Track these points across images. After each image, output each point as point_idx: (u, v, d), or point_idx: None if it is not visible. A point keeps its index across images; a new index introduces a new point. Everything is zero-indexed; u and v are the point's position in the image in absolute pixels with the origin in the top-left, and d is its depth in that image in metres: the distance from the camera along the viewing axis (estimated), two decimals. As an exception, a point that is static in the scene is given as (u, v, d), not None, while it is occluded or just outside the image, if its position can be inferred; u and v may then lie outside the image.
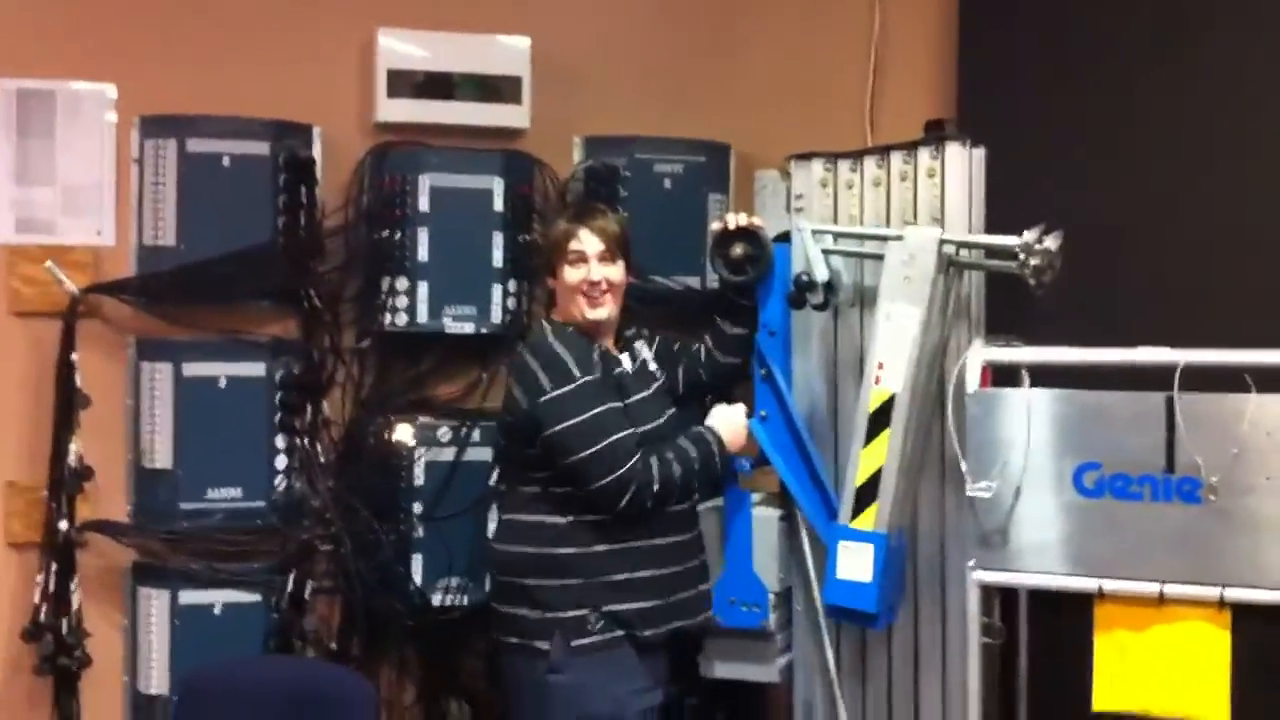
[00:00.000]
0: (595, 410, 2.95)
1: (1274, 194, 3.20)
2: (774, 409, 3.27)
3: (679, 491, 3.03)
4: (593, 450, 2.92)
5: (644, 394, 3.12)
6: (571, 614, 2.97)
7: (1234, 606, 2.75)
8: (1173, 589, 2.78)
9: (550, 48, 3.68)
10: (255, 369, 3.41)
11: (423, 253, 3.48)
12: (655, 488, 2.96)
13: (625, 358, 3.16)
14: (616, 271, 3.11)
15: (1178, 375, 2.74)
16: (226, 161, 3.39)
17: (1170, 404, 2.76)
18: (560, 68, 3.70)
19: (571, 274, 3.08)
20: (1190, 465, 2.75)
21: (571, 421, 2.94)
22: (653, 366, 3.24)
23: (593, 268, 3.07)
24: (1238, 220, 3.21)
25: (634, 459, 2.93)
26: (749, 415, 3.22)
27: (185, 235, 3.37)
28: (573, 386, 2.96)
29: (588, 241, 3.09)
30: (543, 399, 2.96)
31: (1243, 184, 3.22)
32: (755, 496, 3.32)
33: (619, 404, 3.02)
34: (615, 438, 2.94)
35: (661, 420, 3.12)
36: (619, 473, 2.92)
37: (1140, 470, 2.80)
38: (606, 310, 3.10)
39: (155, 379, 3.37)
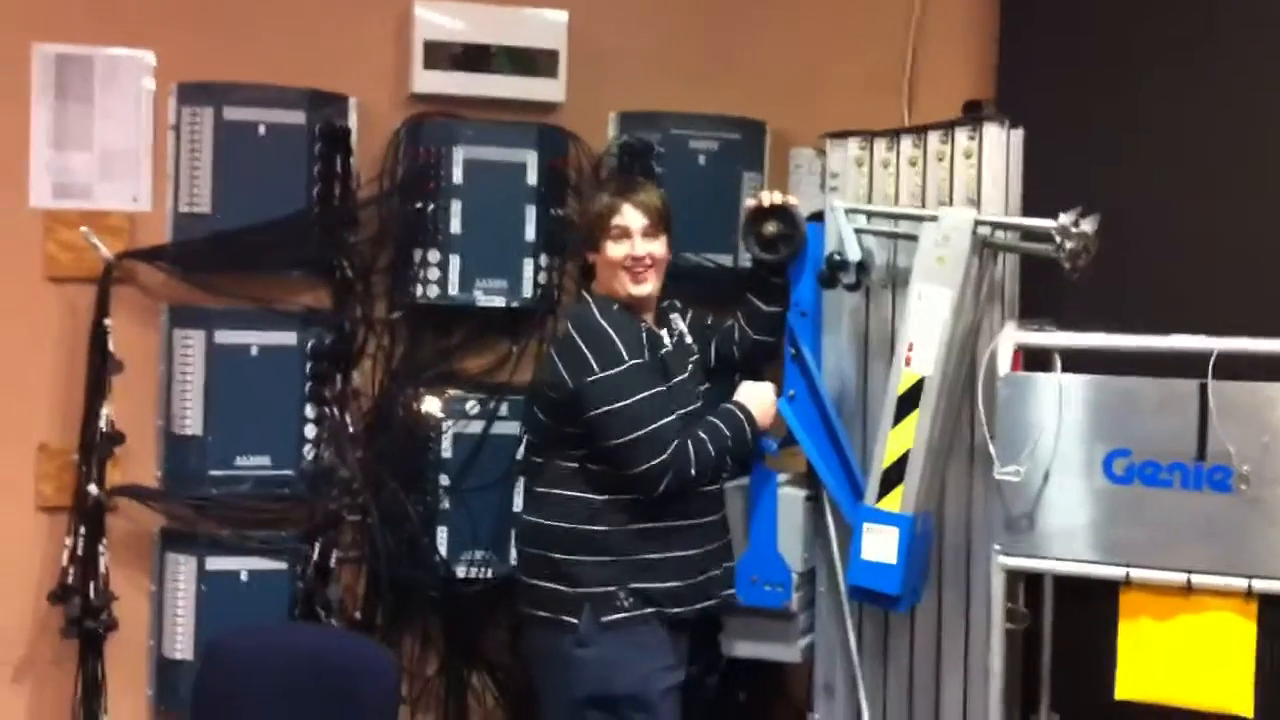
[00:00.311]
0: (641, 395, 2.94)
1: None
2: (803, 389, 3.25)
3: (713, 472, 3.04)
4: (636, 435, 2.91)
5: (684, 375, 3.11)
6: (602, 589, 2.97)
7: (1261, 597, 2.72)
8: (1200, 578, 2.74)
9: (587, 22, 3.66)
10: (287, 338, 3.43)
11: (455, 225, 3.48)
12: (693, 471, 2.95)
13: (664, 334, 3.15)
14: (660, 246, 3.10)
15: (1211, 363, 2.70)
16: (262, 130, 3.40)
17: (1203, 391, 2.72)
18: (597, 42, 3.68)
19: (614, 249, 3.06)
20: (1222, 454, 2.71)
21: (616, 405, 2.92)
22: (689, 340, 3.23)
23: (636, 243, 3.05)
24: (1272, 207, 3.16)
25: (674, 445, 2.92)
26: (778, 394, 3.20)
27: (220, 203, 3.38)
28: (620, 369, 2.95)
29: (631, 216, 3.07)
30: (590, 379, 2.95)
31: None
32: (781, 476, 3.31)
33: (663, 388, 3.00)
34: (658, 424, 2.93)
35: (699, 403, 3.12)
36: (660, 459, 2.91)
37: (1171, 458, 2.76)
38: (650, 285, 3.08)
39: (187, 346, 3.38)
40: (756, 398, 3.14)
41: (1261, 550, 2.70)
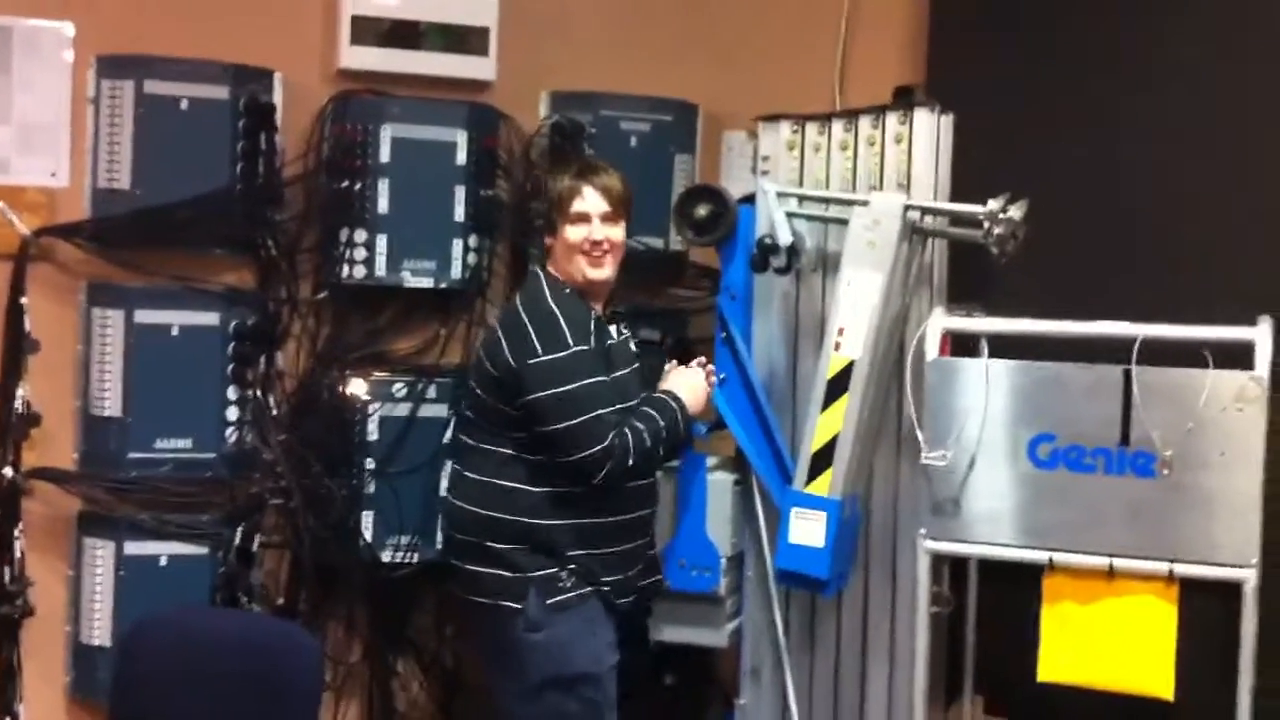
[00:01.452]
0: (583, 381, 2.91)
1: (1239, 172, 3.19)
2: (733, 373, 3.25)
3: (649, 462, 3.01)
4: (574, 422, 2.88)
5: (626, 370, 3.08)
6: (544, 573, 2.95)
7: (1183, 581, 2.76)
8: (1122, 562, 2.78)
9: (520, -1, 3.63)
10: (209, 318, 3.35)
11: (383, 204, 3.42)
12: (630, 462, 2.92)
13: (612, 328, 3.12)
14: (619, 232, 3.07)
15: (1136, 348, 2.73)
16: (184, 105, 3.32)
17: (1128, 377, 2.75)
18: (529, 20, 3.64)
19: (574, 232, 3.03)
20: (1145, 439, 2.75)
21: (557, 390, 2.89)
22: (633, 346, 3.20)
23: (595, 227, 3.02)
24: (1202, 196, 3.20)
25: (613, 434, 2.89)
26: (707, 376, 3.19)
27: (141, 179, 3.30)
28: (564, 354, 2.92)
29: (592, 200, 3.04)
30: (532, 361, 2.91)
31: (1209, 160, 3.21)
32: (710, 460, 3.31)
33: (606, 378, 2.97)
34: (598, 412, 2.90)
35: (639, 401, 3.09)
36: (598, 448, 2.88)
37: (1095, 443, 2.80)
38: (608, 270, 3.06)
39: (106, 325, 3.31)
40: (687, 385, 3.11)
41: (1183, 535, 2.75)
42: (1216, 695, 2.80)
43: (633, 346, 3.20)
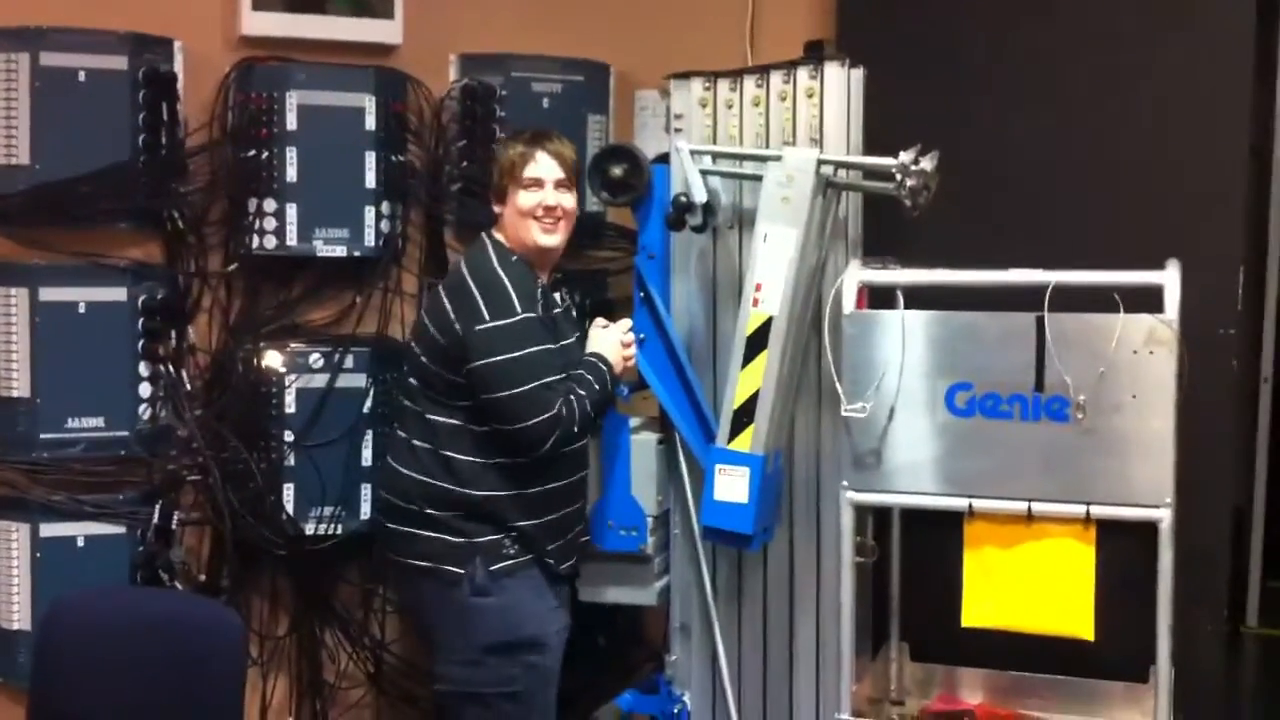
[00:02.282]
0: (529, 349, 2.89)
1: (1146, 120, 3.23)
2: (652, 332, 3.25)
3: (589, 427, 3.02)
4: (520, 390, 2.86)
5: (570, 340, 3.08)
6: (488, 539, 2.95)
7: (1099, 523, 2.80)
8: (1040, 506, 2.82)
9: (424, -41, 3.57)
10: (116, 294, 3.29)
11: (291, 173, 3.36)
12: (576, 429, 2.93)
13: (557, 296, 3.11)
14: (570, 200, 3.06)
15: (1048, 295, 2.76)
16: (82, 76, 3.24)
17: (1040, 324, 2.78)
18: (435, -19, 3.60)
19: (526, 198, 3.00)
20: (1059, 384, 2.78)
21: (503, 357, 2.87)
22: (574, 313, 3.20)
23: (549, 193, 3.01)
24: (1110, 144, 3.24)
25: (559, 403, 2.88)
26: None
27: (40, 153, 3.21)
28: (511, 320, 2.89)
29: (545, 166, 3.02)
30: (479, 327, 2.89)
31: (1111, 109, 3.25)
32: (634, 421, 3.31)
33: (553, 345, 2.96)
34: (543, 381, 2.88)
35: None
36: (544, 417, 2.86)
37: (1011, 390, 2.83)
38: (559, 237, 3.04)
39: (10, 305, 3.22)
40: (609, 345, 3.12)
41: (1099, 477, 2.79)
42: (1136, 634, 2.86)
43: (573, 314, 3.19)
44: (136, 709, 2.72)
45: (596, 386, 2.99)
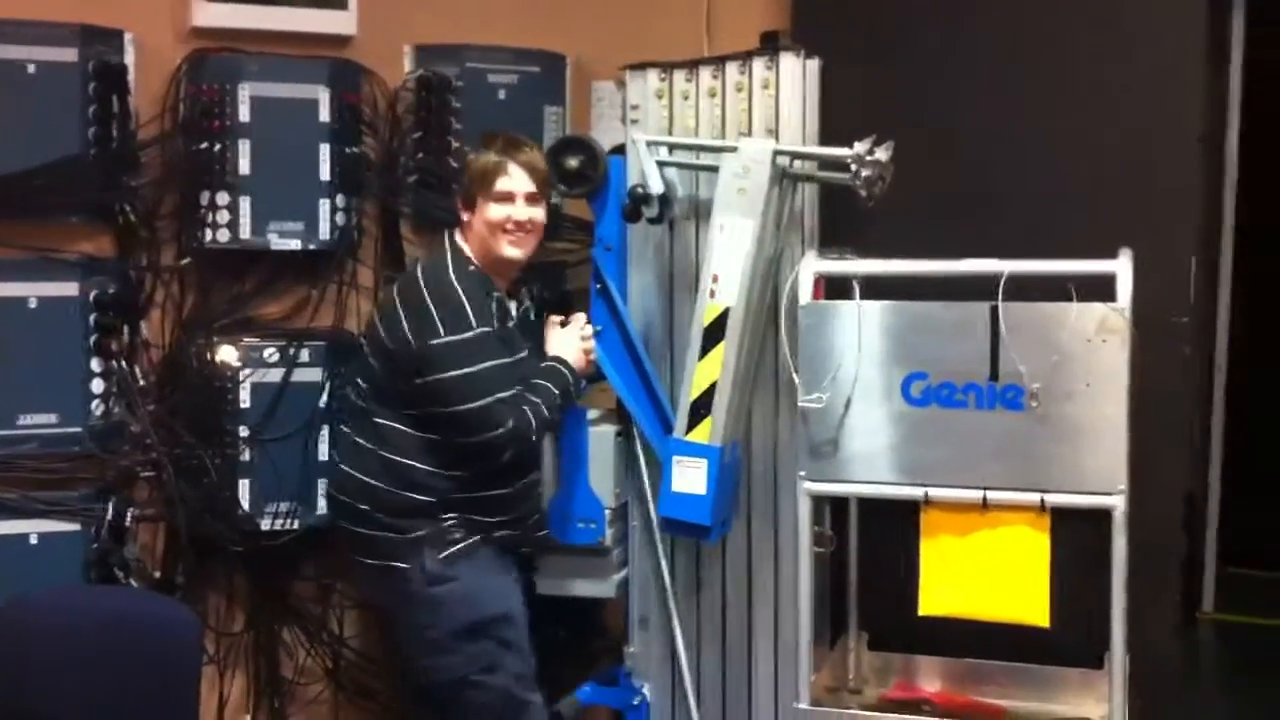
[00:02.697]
0: (484, 364, 2.89)
1: (1100, 111, 3.24)
2: (609, 324, 3.25)
3: (547, 430, 3.03)
4: (475, 405, 2.86)
5: (525, 351, 3.06)
6: (432, 530, 2.95)
7: (1054, 511, 2.82)
8: (996, 495, 2.84)
9: (378, -51, 3.54)
10: (67, 289, 3.25)
11: (244, 166, 3.33)
12: (532, 437, 2.94)
13: (513, 306, 3.10)
14: (541, 213, 3.05)
15: (1002, 285, 2.78)
16: (31, 69, 3.20)
17: (994, 313, 2.80)
18: (389, -29, 3.57)
19: (496, 210, 2.99)
20: (1014, 373, 2.80)
21: (458, 372, 2.87)
22: (532, 316, 3.20)
23: (519, 207, 3.00)
24: (1063, 134, 3.25)
25: (513, 416, 2.88)
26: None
27: (-12, 147, 3.19)
28: (466, 336, 2.88)
29: (518, 179, 3.01)
30: (433, 342, 2.88)
31: (1064, 98, 3.26)
32: (591, 413, 3.30)
33: (508, 359, 2.95)
34: (498, 395, 2.88)
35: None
36: (499, 430, 2.87)
37: (965, 379, 2.84)
38: (526, 250, 3.04)
39: (-40, 300, 3.20)
40: (570, 347, 3.12)
41: (1053, 465, 2.81)
42: (1091, 621, 2.89)
43: (531, 317, 3.19)
44: (92, 708, 2.70)
45: (556, 392, 3.00)
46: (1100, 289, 2.77)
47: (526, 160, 3.03)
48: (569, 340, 3.13)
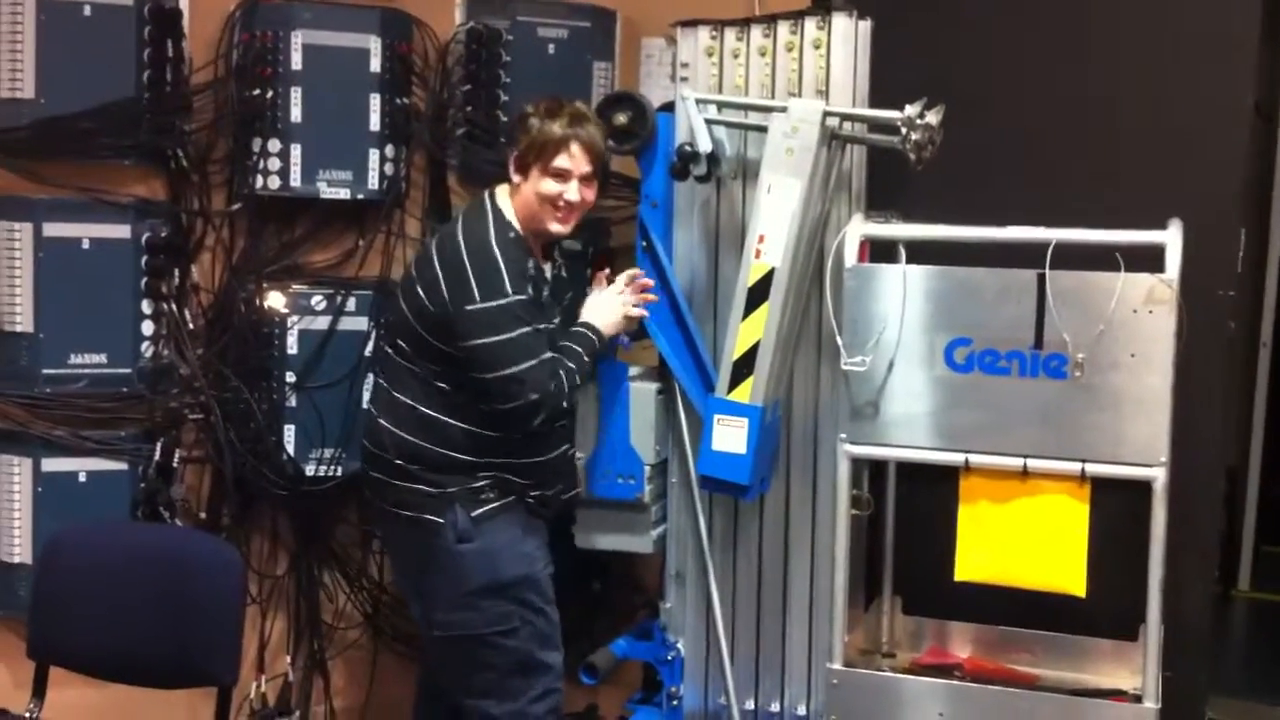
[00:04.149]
0: (519, 331, 2.89)
1: (1152, 79, 3.22)
2: (654, 281, 3.25)
3: (576, 395, 3.03)
4: (510, 371, 2.87)
5: (557, 318, 3.08)
6: (465, 488, 2.96)
7: (1094, 480, 2.81)
8: (1036, 463, 2.83)
9: (433, -102, 3.54)
10: (120, 230, 3.30)
11: (296, 113, 3.36)
12: (564, 404, 2.95)
13: (547, 269, 3.10)
14: (591, 193, 3.05)
15: (1050, 253, 2.76)
16: (88, 10, 3.24)
17: (1041, 281, 2.78)
18: (442, -78, 3.57)
19: (549, 186, 2.97)
20: (1058, 342, 2.78)
21: (493, 339, 2.87)
22: (564, 273, 3.21)
23: (572, 188, 2.99)
24: (1115, 102, 3.22)
25: (546, 383, 2.89)
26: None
27: (44, 88, 3.22)
28: (502, 303, 2.88)
29: (579, 160, 2.98)
30: (469, 307, 2.87)
31: (1117, 67, 3.23)
32: (633, 370, 3.31)
33: (543, 325, 2.96)
34: (533, 361, 2.88)
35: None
36: (533, 396, 2.87)
37: (1009, 346, 2.83)
38: (569, 227, 3.04)
39: (14, 239, 3.24)
40: (603, 312, 3.12)
41: (1094, 435, 2.79)
42: (1126, 592, 2.88)
43: (564, 274, 3.21)
44: (135, 642, 2.76)
45: (586, 357, 3.01)
46: (1147, 259, 2.75)
47: (589, 140, 2.99)
48: (604, 305, 3.14)
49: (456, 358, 2.92)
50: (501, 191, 3.04)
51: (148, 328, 3.34)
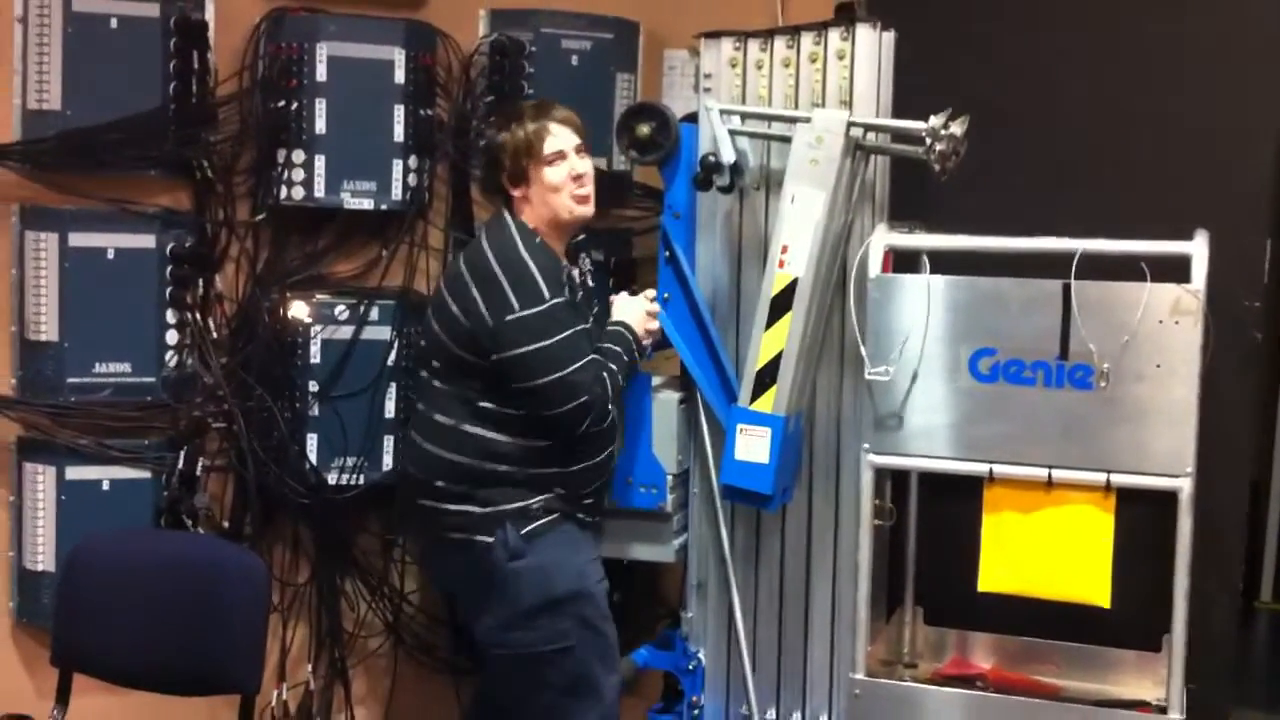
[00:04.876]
0: (563, 335, 2.89)
1: (1177, 89, 3.21)
2: (677, 291, 3.26)
3: (619, 397, 3.02)
4: (558, 376, 2.87)
5: (590, 321, 3.07)
6: (515, 505, 2.95)
7: (1119, 491, 2.81)
8: (1061, 473, 2.83)
9: (457, -88, 3.56)
10: (145, 240, 3.31)
11: (320, 124, 3.37)
12: (610, 406, 2.94)
13: (575, 272, 3.10)
14: (591, 164, 3.06)
15: (1075, 263, 2.76)
16: (114, 23, 3.26)
17: (1066, 291, 2.78)
18: (466, -67, 3.58)
19: (554, 173, 2.99)
20: (1083, 352, 2.78)
21: (537, 345, 2.87)
22: (591, 281, 3.21)
23: (574, 160, 3.01)
24: (1141, 113, 3.22)
25: (593, 385, 2.89)
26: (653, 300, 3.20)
27: (71, 99, 3.23)
28: (542, 309, 2.88)
29: (562, 136, 3.01)
30: (509, 318, 2.87)
31: (1144, 77, 3.23)
32: (656, 379, 3.32)
33: (583, 327, 2.97)
34: (581, 363, 2.89)
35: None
36: (582, 399, 2.87)
37: (1034, 356, 2.83)
38: (592, 206, 3.04)
39: (40, 249, 3.25)
40: (634, 313, 3.13)
41: (1120, 446, 2.79)
42: (1150, 603, 2.88)
43: (590, 282, 3.20)
44: (159, 650, 2.77)
45: (626, 358, 3.01)
46: (1173, 270, 2.75)
47: (563, 117, 3.03)
48: (634, 307, 3.15)
49: (495, 372, 2.91)
50: (512, 213, 3.04)
51: (172, 337, 3.36)
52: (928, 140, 2.92)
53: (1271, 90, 3.17)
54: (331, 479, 3.46)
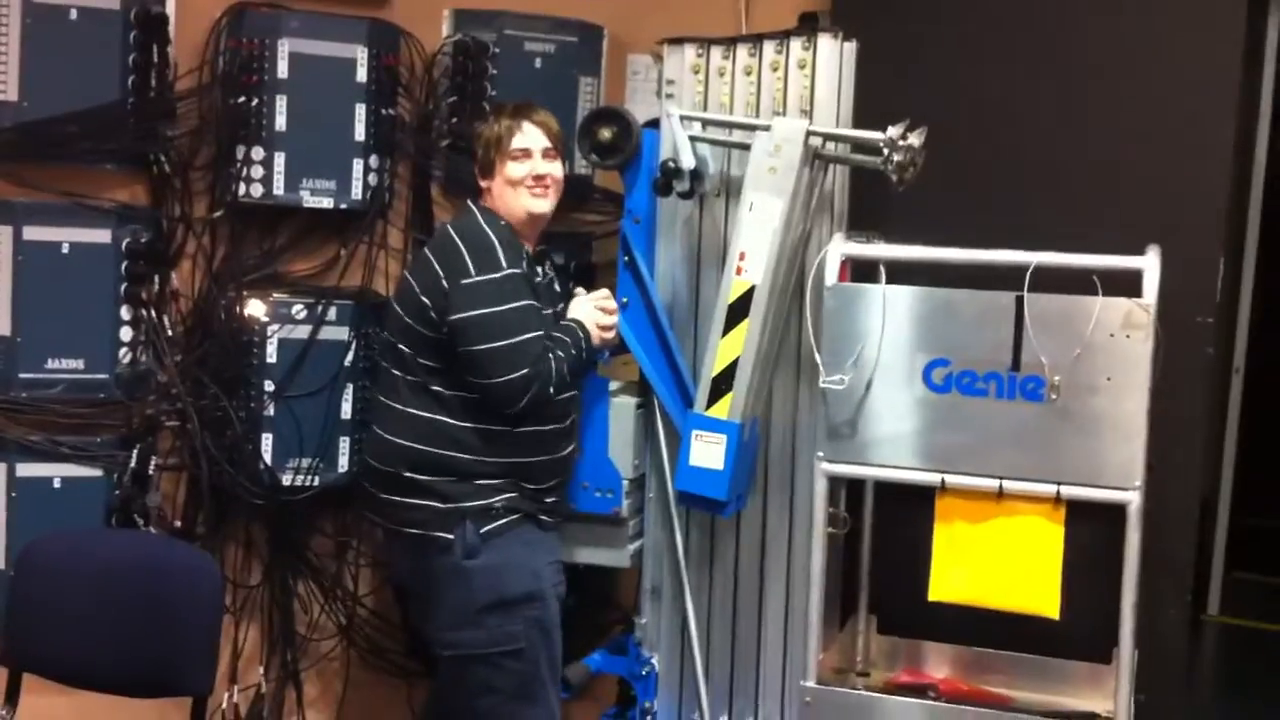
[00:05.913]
0: (513, 304, 2.90)
1: (1131, 105, 3.24)
2: (635, 296, 3.26)
3: (565, 389, 3.03)
4: (499, 344, 2.87)
5: (551, 311, 3.08)
6: (476, 504, 2.95)
7: (1069, 503, 2.83)
8: (1012, 484, 2.84)
9: (422, -91, 3.55)
10: (100, 235, 3.29)
11: (280, 122, 3.36)
12: (551, 389, 2.94)
13: (539, 270, 3.11)
14: (558, 169, 3.08)
15: (1028, 276, 2.78)
16: (73, 14, 3.24)
17: (1020, 304, 2.80)
18: (431, -68, 3.57)
19: (515, 169, 3.03)
20: (1035, 364, 2.80)
21: (486, 310, 2.88)
22: (557, 286, 3.21)
23: (537, 163, 3.04)
24: (1097, 128, 3.25)
25: (536, 361, 2.89)
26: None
27: (28, 91, 3.21)
28: (496, 276, 2.90)
29: (532, 136, 3.04)
30: (464, 281, 2.90)
31: (1101, 93, 3.26)
32: (613, 384, 3.32)
33: (535, 303, 2.97)
34: (525, 336, 2.90)
35: None
36: (522, 372, 2.88)
37: (987, 368, 2.84)
38: (549, 204, 3.07)
39: (-7, 242, 3.23)
40: (585, 311, 3.13)
41: (1070, 458, 2.81)
42: (1100, 615, 2.89)
43: (557, 288, 3.21)
44: (110, 651, 2.74)
45: (573, 351, 3.01)
46: (1126, 284, 2.78)
47: (540, 120, 3.07)
48: (586, 305, 3.15)
49: (449, 347, 2.92)
50: (480, 202, 3.09)
51: (126, 334, 3.33)
52: (885, 150, 2.94)
53: (1226, 107, 3.21)
54: (286, 480, 3.44)
